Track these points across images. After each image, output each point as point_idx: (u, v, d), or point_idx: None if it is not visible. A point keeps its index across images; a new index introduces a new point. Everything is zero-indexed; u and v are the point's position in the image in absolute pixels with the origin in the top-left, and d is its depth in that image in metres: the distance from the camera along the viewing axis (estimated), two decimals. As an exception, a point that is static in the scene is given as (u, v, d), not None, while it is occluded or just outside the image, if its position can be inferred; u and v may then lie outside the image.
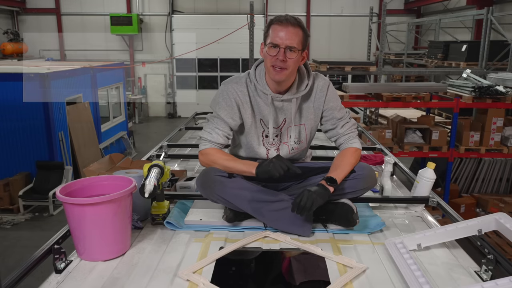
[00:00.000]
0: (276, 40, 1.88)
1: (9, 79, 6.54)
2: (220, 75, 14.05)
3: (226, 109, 2.03)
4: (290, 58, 1.89)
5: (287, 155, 2.13)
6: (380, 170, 2.77)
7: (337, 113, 2.10)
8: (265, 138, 2.10)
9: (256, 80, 2.04)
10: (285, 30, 1.88)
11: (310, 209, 1.74)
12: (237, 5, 13.74)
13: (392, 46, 13.44)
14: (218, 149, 2.02)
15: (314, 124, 2.13)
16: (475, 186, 6.28)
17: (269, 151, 2.11)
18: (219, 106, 2.04)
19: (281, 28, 1.89)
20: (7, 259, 4.89)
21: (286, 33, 1.88)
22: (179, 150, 3.46)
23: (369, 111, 7.96)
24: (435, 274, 1.56)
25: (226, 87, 2.06)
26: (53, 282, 1.50)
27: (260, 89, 2.02)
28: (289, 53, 1.89)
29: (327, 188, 1.83)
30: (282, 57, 1.88)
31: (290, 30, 1.88)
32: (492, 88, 5.23)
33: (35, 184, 6.55)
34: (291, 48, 1.89)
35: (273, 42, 1.89)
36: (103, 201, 1.57)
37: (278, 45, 1.88)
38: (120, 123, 9.84)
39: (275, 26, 1.90)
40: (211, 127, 2.04)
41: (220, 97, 2.05)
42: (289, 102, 2.04)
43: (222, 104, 2.03)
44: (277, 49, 1.88)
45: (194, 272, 1.54)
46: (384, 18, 7.60)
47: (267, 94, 2.01)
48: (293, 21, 1.90)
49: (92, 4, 13.86)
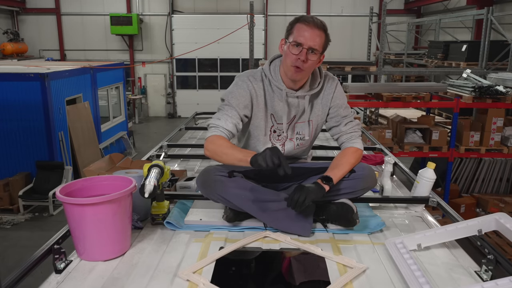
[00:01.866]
0: (300, 40, 1.88)
1: (9, 79, 6.55)
2: (220, 75, 14.06)
3: (239, 99, 1.99)
4: (310, 59, 1.90)
5: (292, 150, 2.14)
6: (380, 170, 2.77)
7: (342, 111, 2.11)
8: (272, 133, 2.10)
9: (271, 76, 2.04)
10: (310, 31, 1.88)
11: (303, 204, 1.74)
12: (237, 5, 13.75)
13: (392, 46, 13.44)
14: (224, 137, 1.90)
15: (320, 121, 2.15)
16: (475, 186, 6.28)
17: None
18: (232, 95, 1.99)
19: (307, 28, 1.88)
20: (7, 259, 4.89)
21: (311, 34, 1.88)
22: (179, 150, 3.46)
23: (369, 111, 7.96)
24: (435, 274, 1.56)
25: (242, 79, 2.03)
26: (53, 282, 1.50)
27: (275, 85, 2.02)
28: (310, 55, 1.89)
29: (322, 187, 1.83)
30: (304, 57, 1.88)
31: (315, 32, 1.88)
32: (492, 88, 5.23)
33: (35, 184, 6.55)
34: (313, 50, 1.89)
35: (297, 41, 1.88)
36: (103, 201, 1.57)
37: (302, 44, 1.88)
38: (120, 123, 9.84)
39: (300, 25, 1.90)
40: (221, 113, 1.97)
41: (234, 86, 2.02)
42: (301, 99, 2.05)
43: (236, 93, 1.99)
44: (300, 49, 1.88)
45: (194, 272, 1.53)
46: (384, 18, 7.60)
47: (282, 89, 2.01)
48: (319, 24, 1.90)
49: (92, 4, 13.86)
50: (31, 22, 13.96)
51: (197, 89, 14.21)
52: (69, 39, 14.11)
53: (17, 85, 6.47)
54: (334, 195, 1.93)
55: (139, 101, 13.80)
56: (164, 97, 14.44)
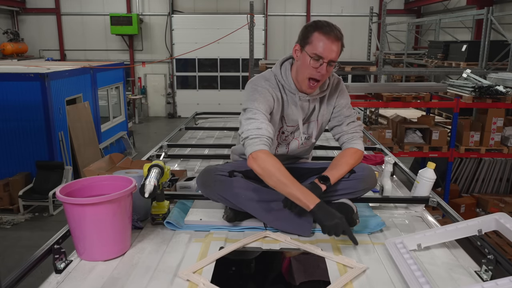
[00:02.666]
0: (322, 53, 1.82)
1: (9, 79, 6.55)
2: (220, 75, 14.06)
3: (265, 104, 1.91)
4: (328, 71, 1.88)
5: (296, 149, 2.14)
6: (380, 170, 2.77)
7: (346, 110, 2.11)
8: (281, 134, 2.10)
9: (283, 80, 2.01)
10: (332, 45, 1.82)
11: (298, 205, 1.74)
12: (237, 5, 13.75)
13: (392, 46, 13.44)
14: (271, 154, 1.81)
15: (325, 120, 2.14)
16: (475, 186, 6.28)
17: (279, 146, 2.11)
18: (259, 101, 1.89)
19: (328, 41, 1.82)
20: (7, 259, 4.89)
21: (332, 48, 1.82)
22: (179, 150, 3.46)
23: (369, 111, 7.96)
24: (435, 274, 1.56)
25: (260, 84, 1.96)
26: (53, 282, 1.49)
27: (288, 89, 2.01)
28: (329, 67, 1.86)
29: (318, 186, 1.84)
30: (325, 71, 1.85)
31: (336, 44, 1.83)
32: (492, 88, 5.23)
33: (35, 184, 6.55)
34: (332, 62, 1.86)
35: (317, 54, 1.83)
36: (103, 201, 1.57)
37: (323, 58, 1.83)
38: (120, 123, 9.84)
39: (320, 36, 1.83)
40: (255, 121, 1.84)
41: (256, 93, 1.93)
42: (312, 102, 2.04)
43: (260, 100, 1.90)
44: (320, 62, 1.84)
45: (194, 272, 1.53)
46: (384, 18, 7.60)
47: (295, 94, 2.00)
48: (339, 36, 1.85)
49: (92, 4, 13.86)
50: (31, 22, 13.96)
51: (197, 89, 14.22)
52: (69, 39, 14.12)
53: (17, 85, 6.48)
54: (334, 195, 1.93)
55: (139, 101, 13.81)
56: (164, 97, 14.45)
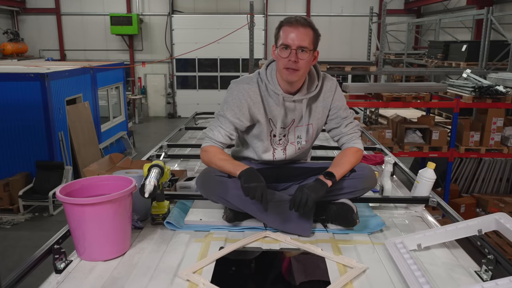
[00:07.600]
0: (287, 41, 1.87)
1: (9, 79, 6.55)
2: (220, 75, 14.06)
3: (234, 110, 2.00)
4: (302, 58, 1.88)
5: (293, 154, 2.13)
6: (380, 170, 2.77)
7: (342, 112, 2.10)
8: (272, 137, 2.09)
9: (267, 80, 2.02)
10: (296, 31, 1.87)
11: (306, 205, 1.74)
12: (237, 5, 13.74)
13: (392, 46, 13.43)
14: (218, 147, 2.01)
15: (321, 124, 2.14)
16: (475, 186, 6.28)
17: (276, 151, 2.11)
18: (227, 105, 2.02)
19: (292, 29, 1.88)
20: (7, 259, 4.88)
21: (297, 34, 1.87)
22: (179, 150, 3.46)
23: (369, 111, 7.96)
24: (435, 274, 1.56)
25: (237, 87, 2.03)
26: (53, 282, 1.50)
27: (272, 89, 2.01)
28: (300, 54, 1.88)
29: (324, 182, 1.83)
30: (294, 58, 1.87)
31: (301, 31, 1.88)
32: (492, 88, 5.23)
33: (35, 184, 6.55)
34: (303, 49, 1.88)
35: (285, 43, 1.88)
36: (103, 201, 1.57)
37: (290, 46, 1.87)
38: (120, 123, 9.83)
39: (285, 28, 1.90)
40: (215, 125, 2.04)
41: (229, 96, 2.03)
42: (299, 103, 2.04)
43: (231, 104, 2.01)
44: (289, 51, 1.88)
45: (194, 272, 1.54)
46: (384, 18, 7.60)
47: (279, 94, 2.00)
48: (303, 22, 1.89)
49: (92, 4, 13.86)
50: (31, 22, 13.95)
51: (197, 89, 14.21)
52: (69, 39, 14.11)
53: (17, 85, 6.47)
54: (335, 195, 1.93)
55: (139, 101, 13.81)
56: (164, 97, 14.44)
